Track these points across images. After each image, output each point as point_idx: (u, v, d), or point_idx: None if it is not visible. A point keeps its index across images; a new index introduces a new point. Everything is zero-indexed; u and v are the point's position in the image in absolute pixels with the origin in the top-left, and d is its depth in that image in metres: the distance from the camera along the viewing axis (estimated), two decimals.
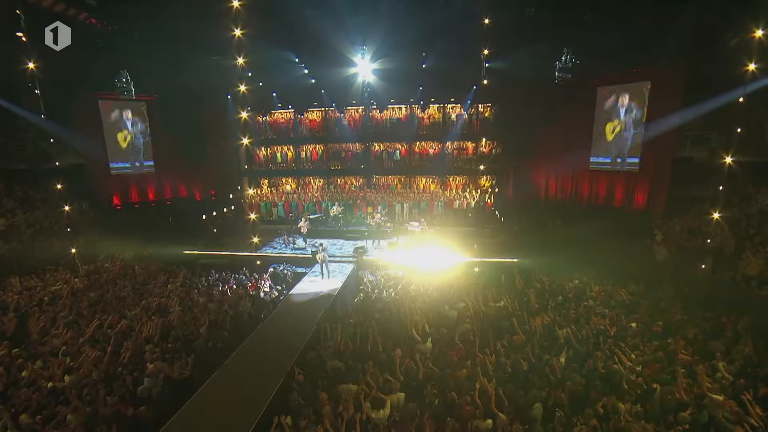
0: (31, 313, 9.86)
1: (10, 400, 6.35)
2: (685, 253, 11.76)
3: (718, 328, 8.47)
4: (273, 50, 16.30)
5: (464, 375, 7.06)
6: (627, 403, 6.26)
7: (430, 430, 5.76)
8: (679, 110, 13.47)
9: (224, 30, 13.40)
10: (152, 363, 7.47)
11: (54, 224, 15.56)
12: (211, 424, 6.31)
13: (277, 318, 10.19)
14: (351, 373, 7.00)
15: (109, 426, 5.98)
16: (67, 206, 15.98)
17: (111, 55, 15.59)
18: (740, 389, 6.42)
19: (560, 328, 8.84)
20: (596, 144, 16.88)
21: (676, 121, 13.53)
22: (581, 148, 17.10)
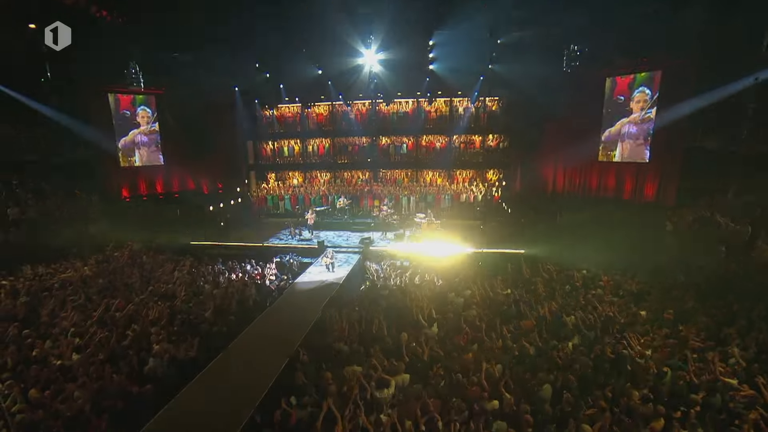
0: (41, 297, 10.01)
1: (20, 376, 6.43)
2: (697, 242, 11.52)
3: (731, 316, 8.27)
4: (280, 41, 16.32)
5: (470, 358, 7.00)
6: (636, 386, 6.16)
7: (435, 409, 5.71)
8: (691, 99, 13.19)
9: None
10: (158, 344, 7.53)
11: (65, 215, 15.78)
12: (214, 403, 6.33)
13: (282, 304, 10.22)
14: (355, 356, 6.97)
15: (115, 402, 6.04)
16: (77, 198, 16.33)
17: (121, 47, 15.71)
18: (754, 374, 6.27)
19: (568, 314, 8.76)
20: (605, 136, 16.62)
21: (687, 109, 13.26)
22: (589, 139, 16.86)
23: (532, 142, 18.82)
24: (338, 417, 5.47)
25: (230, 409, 6.08)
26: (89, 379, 6.42)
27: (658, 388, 6.04)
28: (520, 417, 5.56)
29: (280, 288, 11.48)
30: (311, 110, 22.09)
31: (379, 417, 5.45)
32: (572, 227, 15.28)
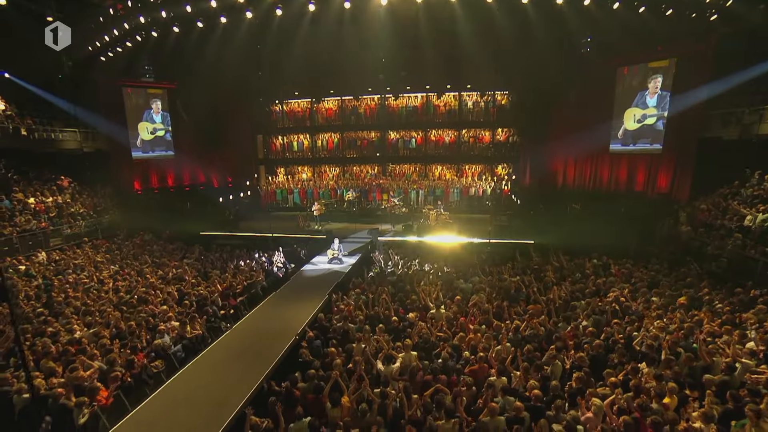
0: (55, 280, 10.20)
1: (32, 347, 6.54)
2: (712, 230, 11.22)
3: (749, 302, 8.01)
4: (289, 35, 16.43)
5: (479, 338, 6.91)
6: (649, 366, 6.02)
7: (442, 384, 5.65)
8: (707, 84, 12.92)
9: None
10: (165, 323, 7.61)
11: (79, 206, 16.09)
12: (221, 376, 6.35)
13: (289, 288, 10.26)
14: (362, 335, 6.94)
15: (123, 372, 6.10)
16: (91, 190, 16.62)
17: (135, 42, 16.01)
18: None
19: (578, 300, 8.60)
20: (616, 128, 16.35)
21: (703, 95, 12.98)
22: (601, 131, 16.59)
23: (541, 135, 18.59)
24: (344, 389, 5.45)
25: (237, 381, 6.08)
26: (99, 352, 6.50)
27: (672, 368, 5.88)
28: (529, 392, 5.47)
29: (288, 275, 11.51)
30: (320, 105, 22.19)
31: (386, 390, 5.40)
32: (583, 218, 15.07)
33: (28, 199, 14.76)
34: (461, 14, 14.58)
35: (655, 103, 15.05)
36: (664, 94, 14.77)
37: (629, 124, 15.97)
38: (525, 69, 17.63)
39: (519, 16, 13.91)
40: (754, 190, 11.78)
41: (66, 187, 16.83)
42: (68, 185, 17.06)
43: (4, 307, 8.14)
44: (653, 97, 15.08)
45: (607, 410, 5.05)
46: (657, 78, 14.81)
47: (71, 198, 16.32)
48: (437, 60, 17.78)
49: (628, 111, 15.87)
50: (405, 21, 15.68)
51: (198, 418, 5.20)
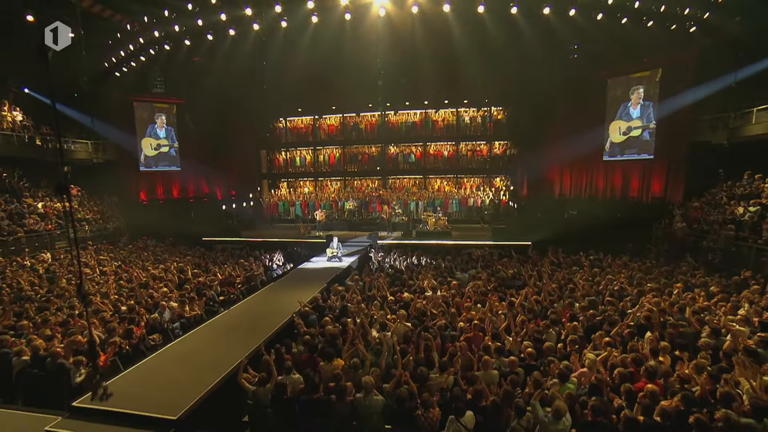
0: (60, 273, 10.39)
1: (33, 320, 6.66)
2: (706, 225, 11.38)
3: (742, 283, 8.08)
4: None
5: (474, 315, 6.97)
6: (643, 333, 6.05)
7: (437, 348, 5.70)
8: (691, 91, 13.51)
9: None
10: (165, 302, 7.72)
11: (86, 211, 16.47)
12: (213, 345, 6.36)
13: (288, 280, 10.37)
14: (357, 309, 7.02)
15: (121, 341, 6.18)
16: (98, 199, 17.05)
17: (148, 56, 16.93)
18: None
19: (574, 284, 8.68)
20: (607, 140, 16.87)
21: (687, 100, 13.54)
22: (594, 140, 17.08)
23: (537, 147, 19.07)
24: (340, 348, 5.51)
25: (231, 347, 6.12)
26: (98, 322, 6.61)
27: (665, 334, 5.92)
28: (522, 353, 5.51)
29: (287, 271, 11.63)
30: (323, 121, 22.99)
31: (379, 348, 5.46)
32: (579, 223, 15.27)
33: (37, 203, 15.15)
34: (456, 31, 15.42)
35: (639, 114, 15.63)
36: (647, 104, 15.36)
37: (615, 137, 16.52)
38: (518, 84, 18.38)
39: (510, 32, 14.67)
40: (745, 189, 12.04)
41: (74, 195, 17.28)
42: (77, 194, 17.51)
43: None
44: (636, 108, 15.68)
45: (599, 366, 5.08)
46: (639, 89, 15.47)
47: (78, 204, 16.71)
48: (434, 77, 18.54)
49: (613, 124, 16.47)
50: (402, 40, 16.51)
51: (191, 376, 5.24)
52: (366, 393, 4.37)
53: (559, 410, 3.96)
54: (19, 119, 16.29)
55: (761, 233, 9.57)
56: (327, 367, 5.12)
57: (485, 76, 18.23)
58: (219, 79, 18.50)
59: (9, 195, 14.65)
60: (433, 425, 4.22)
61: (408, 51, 17.03)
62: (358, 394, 4.45)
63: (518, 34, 14.70)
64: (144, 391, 4.88)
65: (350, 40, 15.29)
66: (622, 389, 4.53)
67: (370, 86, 19.85)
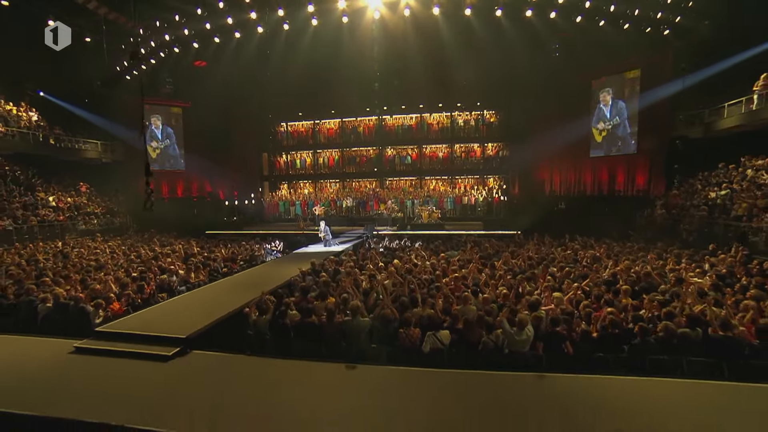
0: (71, 252, 11.02)
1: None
2: (683, 211, 12.06)
3: (711, 254, 8.68)
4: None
5: (458, 275, 7.57)
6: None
7: (418, 291, 6.29)
8: (669, 85, 14.43)
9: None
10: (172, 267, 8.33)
11: (95, 206, 17.20)
12: (217, 296, 6.93)
13: (287, 258, 10.97)
14: (350, 272, 7.61)
15: (134, 294, 6.78)
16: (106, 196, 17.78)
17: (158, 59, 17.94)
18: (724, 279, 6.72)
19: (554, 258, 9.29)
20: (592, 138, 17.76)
21: (667, 92, 14.45)
22: (580, 139, 17.93)
23: (528, 148, 19.89)
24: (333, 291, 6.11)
25: (234, 296, 6.69)
26: (113, 280, 7.23)
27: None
28: (498, 296, 6.10)
29: (285, 253, 12.25)
30: (322, 125, 23.94)
31: (366, 288, 6.06)
32: (567, 215, 15.94)
33: (49, 197, 15.88)
34: (446, 35, 16.36)
35: (609, 114, 16.61)
36: (617, 101, 16.33)
37: (596, 136, 17.43)
38: (508, 87, 19.36)
39: (496, 36, 15.64)
40: (719, 177, 12.78)
41: (84, 192, 18.04)
42: (86, 191, 18.27)
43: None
44: (607, 107, 16.66)
45: (566, 303, 5.68)
46: (608, 90, 16.58)
47: (87, 199, 17.44)
48: (427, 81, 19.56)
49: (594, 129, 17.43)
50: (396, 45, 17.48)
51: (200, 311, 5.82)
52: (353, 315, 4.97)
53: (522, 321, 4.56)
54: (34, 119, 17.18)
55: (730, 212, 10.23)
56: (320, 304, 5.71)
57: (475, 80, 19.28)
58: (223, 84, 19.48)
59: (23, 189, 15.38)
60: (414, 342, 4.80)
61: (402, 55, 18.08)
62: (346, 317, 5.04)
63: (505, 39, 15.67)
64: (158, 322, 5.47)
65: (348, 45, 16.30)
66: (582, 312, 5.14)
67: (368, 91, 20.86)
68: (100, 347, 4.88)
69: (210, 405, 3.65)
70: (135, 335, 5.01)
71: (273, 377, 4.29)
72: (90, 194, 18.09)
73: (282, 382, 4.17)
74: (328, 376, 4.28)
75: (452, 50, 16.74)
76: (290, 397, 3.80)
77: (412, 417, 3.43)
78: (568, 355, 4.51)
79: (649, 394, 3.76)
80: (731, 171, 12.57)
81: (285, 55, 17.63)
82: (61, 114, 18.71)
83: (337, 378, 4.24)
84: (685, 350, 4.44)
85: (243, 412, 3.54)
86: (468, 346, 4.78)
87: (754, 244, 8.79)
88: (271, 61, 18.68)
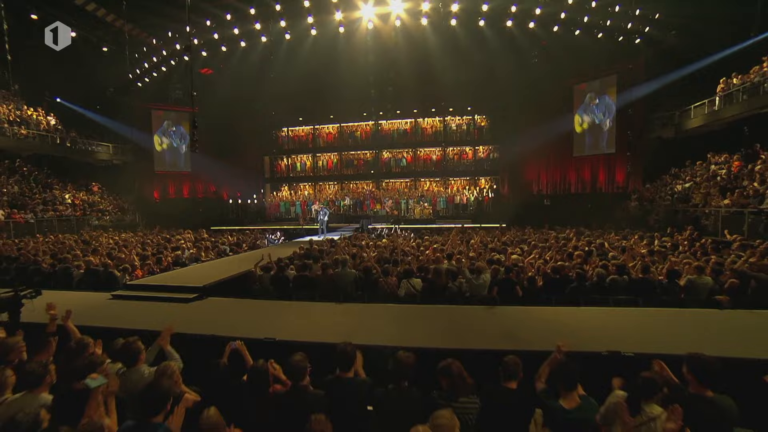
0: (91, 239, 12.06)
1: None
2: (652, 202, 13.10)
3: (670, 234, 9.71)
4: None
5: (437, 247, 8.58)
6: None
7: (399, 255, 7.29)
8: (643, 88, 15.62)
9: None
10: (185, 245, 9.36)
11: (107, 203, 18.28)
12: (225, 264, 7.93)
13: (287, 244, 11.96)
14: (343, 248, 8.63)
15: (154, 264, 7.80)
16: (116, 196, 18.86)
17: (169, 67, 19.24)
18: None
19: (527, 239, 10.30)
20: (576, 135, 18.90)
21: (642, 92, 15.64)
22: (564, 141, 19.07)
23: (516, 151, 21.01)
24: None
25: (241, 264, 7.69)
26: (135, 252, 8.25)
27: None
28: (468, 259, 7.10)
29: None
30: (321, 130, 25.16)
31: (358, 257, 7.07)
32: (552, 211, 16.95)
33: (65, 194, 16.98)
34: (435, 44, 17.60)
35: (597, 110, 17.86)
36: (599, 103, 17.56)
37: (577, 127, 18.65)
38: (496, 93, 20.58)
39: (482, 47, 16.90)
40: (688, 173, 13.84)
41: (96, 192, 19.15)
42: (97, 190, 19.39)
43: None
44: (589, 110, 17.90)
45: (526, 263, 6.69)
46: (591, 94, 17.80)
47: (100, 197, 18.54)
48: (421, 89, 20.82)
49: (576, 116, 18.67)
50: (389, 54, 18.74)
51: (211, 273, 6.81)
52: (342, 267, 5.98)
53: (480, 268, 5.55)
54: (52, 123, 18.38)
55: (689, 202, 11.27)
56: (315, 265, 6.72)
57: (465, 86, 20.51)
58: (228, 91, 20.75)
59: (41, 186, 16.49)
60: (392, 288, 5.79)
61: (394, 64, 19.35)
62: (336, 269, 6.05)
63: (489, 47, 16.93)
64: (178, 277, 6.47)
65: (344, 53, 17.57)
66: (535, 265, 6.15)
67: (364, 97, 22.12)
68: (132, 294, 5.88)
69: (230, 322, 4.65)
70: (159, 286, 6.01)
71: (276, 312, 5.26)
72: (102, 193, 19.17)
73: (283, 314, 5.15)
74: (321, 311, 5.26)
75: (442, 58, 17.98)
76: (291, 321, 4.77)
77: (387, 331, 4.38)
78: (518, 297, 5.50)
79: (581, 318, 4.68)
80: (697, 167, 13.64)
81: (286, 63, 18.91)
82: (75, 118, 19.93)
83: (328, 312, 5.20)
84: (614, 291, 5.44)
85: (256, 327, 4.51)
86: (436, 291, 5.77)
87: (704, 227, 9.79)
88: (273, 69, 19.96)
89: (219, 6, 14.51)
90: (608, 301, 5.34)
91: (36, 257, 7.94)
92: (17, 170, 16.98)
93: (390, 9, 13.93)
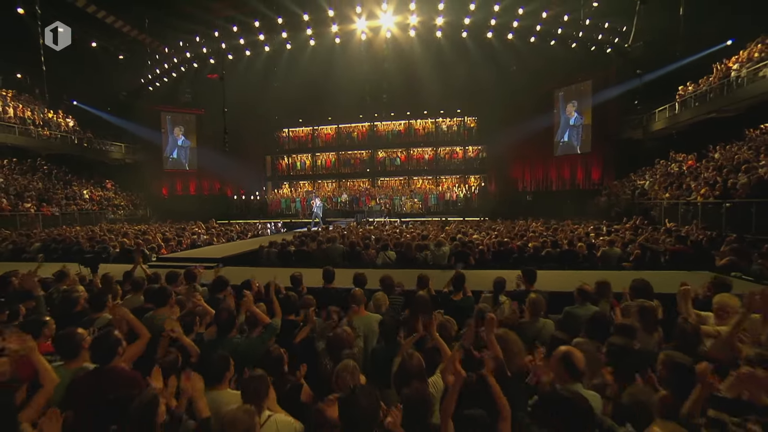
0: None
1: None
2: (618, 197, 14.56)
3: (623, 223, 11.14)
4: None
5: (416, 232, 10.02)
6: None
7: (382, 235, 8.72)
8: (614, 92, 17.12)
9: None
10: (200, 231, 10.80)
11: (121, 199, 19.75)
12: (241, 245, 9.39)
13: (287, 233, 13.41)
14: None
15: (176, 246, 9.25)
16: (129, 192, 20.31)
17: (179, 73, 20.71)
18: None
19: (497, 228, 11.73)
20: (557, 136, 20.37)
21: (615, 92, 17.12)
22: (546, 142, 20.52)
23: (502, 151, 22.44)
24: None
25: (254, 244, 9.14)
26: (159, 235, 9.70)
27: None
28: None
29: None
30: (320, 130, 26.62)
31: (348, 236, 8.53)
32: (533, 206, 18.43)
33: (83, 190, 18.46)
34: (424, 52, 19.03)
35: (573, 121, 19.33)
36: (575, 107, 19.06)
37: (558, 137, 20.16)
38: (483, 97, 22.03)
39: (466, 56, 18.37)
40: (649, 171, 15.28)
41: (110, 189, 20.63)
42: (111, 187, 20.86)
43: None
44: (570, 113, 19.37)
45: (483, 243, 8.12)
46: (572, 102, 19.27)
47: (114, 194, 20.02)
48: (413, 93, 22.29)
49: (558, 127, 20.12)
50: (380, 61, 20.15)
51: (226, 249, 8.27)
52: (332, 242, 7.43)
53: (441, 242, 7.01)
54: (71, 125, 19.86)
55: (646, 195, 12.71)
56: (312, 243, 8.17)
57: (454, 90, 21.97)
58: (233, 94, 22.17)
59: (62, 183, 17.97)
60: (372, 259, 7.24)
61: (388, 71, 20.78)
62: (327, 244, 7.50)
63: (474, 56, 18.42)
64: (199, 252, 7.93)
65: (340, 61, 19.03)
66: (487, 241, 7.59)
67: (360, 100, 23.58)
68: (164, 264, 7.32)
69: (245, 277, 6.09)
70: (185, 258, 7.47)
71: (282, 274, 6.69)
72: (115, 190, 20.65)
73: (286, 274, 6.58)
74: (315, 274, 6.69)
75: (431, 66, 19.47)
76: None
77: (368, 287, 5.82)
78: (471, 265, 6.93)
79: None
80: (659, 165, 15.08)
81: (287, 70, 20.40)
82: (91, 120, 21.42)
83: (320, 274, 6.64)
84: (548, 261, 6.87)
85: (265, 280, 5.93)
86: (406, 260, 7.21)
87: (653, 217, 11.24)
88: (276, 75, 21.44)
89: (226, 19, 16.00)
90: (542, 268, 6.77)
91: (78, 239, 9.38)
92: (39, 168, 18.46)
93: (380, 23, 15.39)
